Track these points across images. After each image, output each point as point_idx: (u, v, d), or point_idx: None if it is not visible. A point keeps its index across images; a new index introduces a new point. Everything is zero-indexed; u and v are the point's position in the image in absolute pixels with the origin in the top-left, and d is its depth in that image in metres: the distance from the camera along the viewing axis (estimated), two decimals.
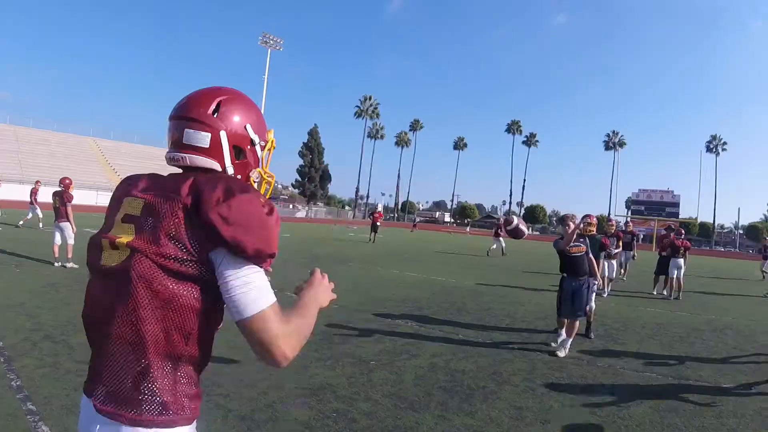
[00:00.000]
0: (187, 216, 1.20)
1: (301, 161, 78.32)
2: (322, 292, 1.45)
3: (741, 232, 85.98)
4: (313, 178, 77.36)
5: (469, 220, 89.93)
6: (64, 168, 50.12)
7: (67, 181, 10.53)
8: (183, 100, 1.38)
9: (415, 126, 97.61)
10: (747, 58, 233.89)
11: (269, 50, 56.50)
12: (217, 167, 1.36)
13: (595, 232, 7.55)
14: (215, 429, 3.45)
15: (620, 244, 12.03)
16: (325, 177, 80.00)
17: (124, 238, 1.24)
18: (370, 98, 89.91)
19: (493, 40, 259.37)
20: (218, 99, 1.36)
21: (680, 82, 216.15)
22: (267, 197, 1.48)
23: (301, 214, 72.72)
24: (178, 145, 1.35)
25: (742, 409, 4.69)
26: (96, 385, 1.25)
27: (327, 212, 78.82)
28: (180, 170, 1.39)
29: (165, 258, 1.18)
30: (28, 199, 18.42)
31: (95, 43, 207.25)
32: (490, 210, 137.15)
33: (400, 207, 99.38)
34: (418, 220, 71.95)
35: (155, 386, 1.20)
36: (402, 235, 38.53)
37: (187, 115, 1.34)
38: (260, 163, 1.50)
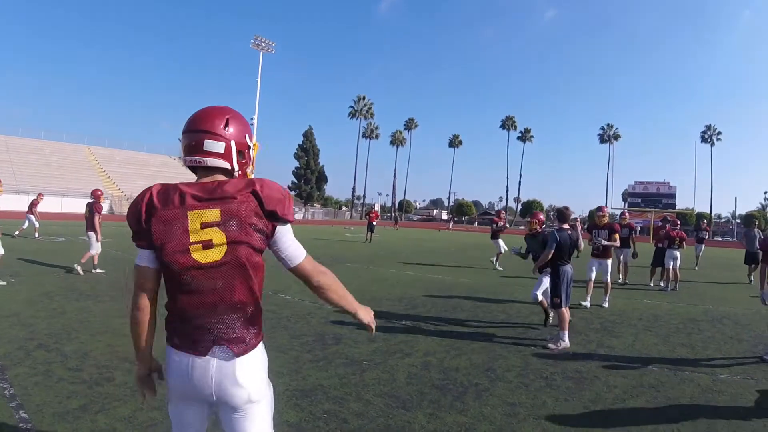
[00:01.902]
0: (259, 213, 1.77)
1: (296, 163, 78.27)
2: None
3: (738, 221, 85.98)
4: (309, 179, 77.26)
5: (450, 216, 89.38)
6: (58, 177, 50.09)
7: (99, 193, 11.02)
8: (200, 117, 1.86)
9: (409, 125, 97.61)
10: (737, 47, 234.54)
11: (261, 53, 56.36)
12: (229, 166, 1.87)
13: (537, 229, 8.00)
14: None
15: (616, 237, 9.66)
16: (321, 178, 79.93)
17: (218, 239, 1.75)
18: (363, 98, 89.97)
19: (485, 37, 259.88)
20: (227, 117, 1.87)
21: (673, 73, 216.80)
22: None
23: (298, 216, 72.72)
24: (199, 151, 1.83)
25: (740, 399, 4.68)
26: (208, 342, 1.80)
27: (324, 213, 78.83)
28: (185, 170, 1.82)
29: (252, 244, 1.78)
30: (26, 210, 18.40)
31: (80, 49, 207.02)
32: (487, 207, 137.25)
33: (397, 206, 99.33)
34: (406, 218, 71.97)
35: (256, 320, 1.89)
36: (399, 234, 38.56)
37: (206, 129, 1.83)
38: (251, 161, 2.01)
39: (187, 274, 1.77)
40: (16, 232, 17.61)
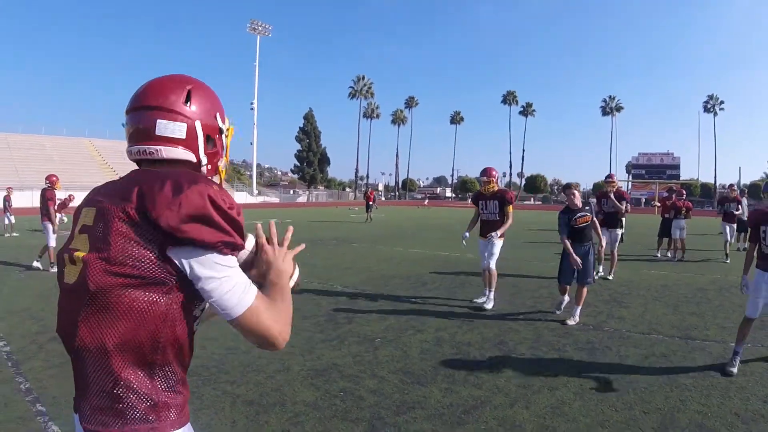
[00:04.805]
0: (138, 218, 1.13)
1: (298, 146, 78.01)
2: (283, 266, 1.35)
3: (743, 190, 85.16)
4: (311, 162, 77.03)
5: (427, 193, 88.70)
6: (62, 171, 49.97)
7: (53, 179, 10.52)
8: (147, 90, 1.30)
9: (410, 103, 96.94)
10: (739, 16, 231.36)
11: (258, 37, 55.95)
12: (193, 158, 1.32)
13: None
14: (224, 416, 3.47)
15: (508, 211, 7.08)
16: (324, 160, 79.68)
17: (80, 252, 1.18)
18: (363, 78, 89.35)
19: (484, 11, 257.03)
20: (188, 87, 1.31)
21: (674, 42, 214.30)
22: (221, 184, 1.46)
23: (302, 198, 72.71)
24: (149, 137, 1.27)
25: (751, 367, 4.67)
26: (80, 402, 1.21)
27: (328, 195, 78.80)
28: (137, 165, 1.34)
29: (119, 265, 1.11)
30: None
31: (74, 38, 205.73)
32: None
33: (400, 185, 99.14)
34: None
35: (131, 398, 1.14)
36: (404, 213, 38.45)
37: (158, 104, 1.27)
38: (224, 151, 1.47)
39: (60, 296, 1.26)
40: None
